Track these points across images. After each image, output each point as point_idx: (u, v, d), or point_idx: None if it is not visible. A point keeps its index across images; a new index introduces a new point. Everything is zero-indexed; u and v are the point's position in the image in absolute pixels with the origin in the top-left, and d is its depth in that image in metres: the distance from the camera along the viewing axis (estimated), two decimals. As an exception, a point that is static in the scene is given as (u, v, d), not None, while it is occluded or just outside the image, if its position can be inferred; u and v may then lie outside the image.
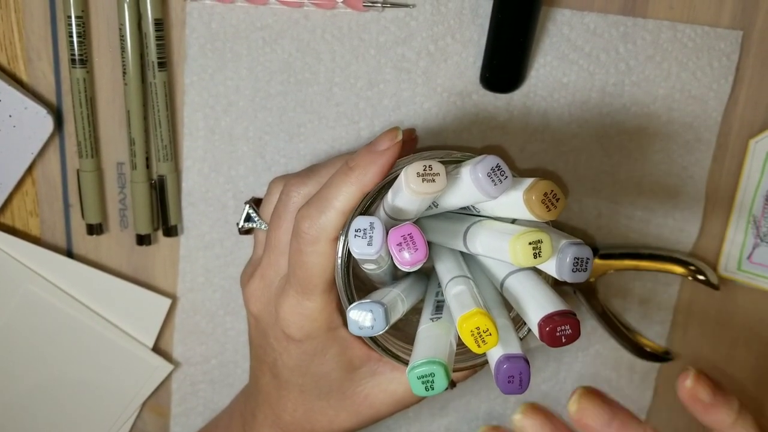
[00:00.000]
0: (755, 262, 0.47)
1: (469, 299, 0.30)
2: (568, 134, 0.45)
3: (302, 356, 0.37)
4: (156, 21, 0.41)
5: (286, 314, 0.36)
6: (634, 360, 0.50)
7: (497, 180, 0.29)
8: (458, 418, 0.51)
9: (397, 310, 0.32)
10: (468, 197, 0.31)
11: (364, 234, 0.30)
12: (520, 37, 0.41)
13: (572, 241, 0.30)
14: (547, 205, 0.29)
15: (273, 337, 0.38)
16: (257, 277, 0.38)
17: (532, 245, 0.28)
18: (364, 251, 0.30)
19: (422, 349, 0.31)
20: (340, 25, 0.43)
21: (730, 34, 0.44)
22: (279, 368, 0.38)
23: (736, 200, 0.46)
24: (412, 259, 0.29)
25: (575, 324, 0.29)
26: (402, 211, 0.31)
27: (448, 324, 0.33)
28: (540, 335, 0.29)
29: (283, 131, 0.45)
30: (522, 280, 0.32)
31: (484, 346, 0.29)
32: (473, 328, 0.29)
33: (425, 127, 0.45)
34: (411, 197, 0.29)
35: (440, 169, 0.29)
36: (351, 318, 0.30)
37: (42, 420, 0.48)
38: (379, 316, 0.30)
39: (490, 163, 0.29)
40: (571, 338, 0.29)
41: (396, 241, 0.29)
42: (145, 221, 0.45)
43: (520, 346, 0.31)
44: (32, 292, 0.46)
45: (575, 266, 0.29)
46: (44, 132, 0.43)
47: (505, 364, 0.30)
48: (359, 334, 0.30)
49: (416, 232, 0.29)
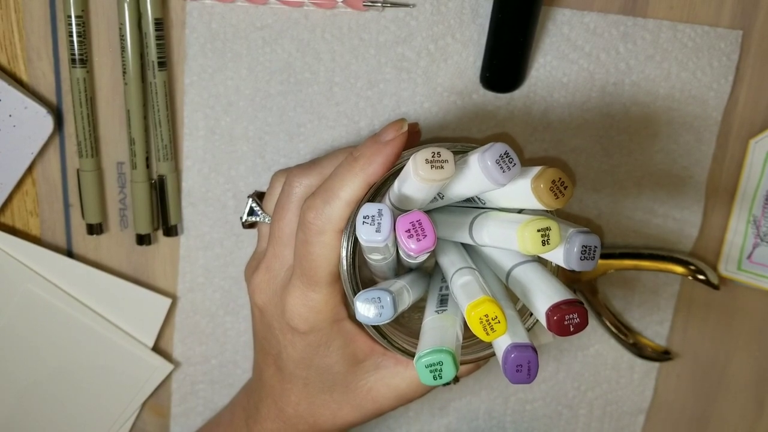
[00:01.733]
0: (755, 262, 0.47)
1: (477, 288, 0.30)
2: (568, 134, 0.45)
3: (307, 349, 0.37)
4: (156, 21, 0.41)
5: (292, 306, 0.36)
6: (634, 360, 0.50)
7: (506, 167, 0.28)
8: (458, 418, 0.51)
9: (403, 300, 0.32)
10: (476, 186, 0.31)
11: (372, 221, 0.29)
12: (520, 37, 0.41)
13: (580, 230, 0.29)
14: (555, 193, 0.29)
15: (278, 330, 0.38)
16: (262, 269, 0.38)
17: (541, 232, 0.28)
18: (372, 238, 0.29)
19: (429, 338, 0.31)
20: (340, 24, 0.43)
21: (730, 34, 0.44)
22: (283, 361, 0.38)
23: (737, 200, 0.46)
24: (420, 247, 0.29)
25: (583, 312, 0.29)
26: (409, 200, 0.31)
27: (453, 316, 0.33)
28: (548, 324, 0.29)
29: (283, 131, 0.45)
30: (528, 271, 0.32)
31: (493, 334, 0.29)
32: (482, 316, 0.29)
33: (426, 127, 0.45)
34: (419, 184, 0.29)
35: (448, 156, 0.28)
36: (358, 306, 0.30)
37: (42, 419, 0.48)
38: (387, 304, 0.30)
39: (499, 150, 0.29)
40: (579, 327, 0.29)
41: (404, 228, 0.29)
42: (145, 221, 0.45)
43: (528, 336, 0.31)
44: (32, 292, 0.46)
45: (583, 254, 0.29)
46: (44, 132, 0.43)
47: (513, 353, 0.30)
48: (367, 323, 0.30)
49: (425, 218, 0.29)
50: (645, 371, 0.50)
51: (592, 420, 0.52)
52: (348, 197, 0.33)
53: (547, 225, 0.28)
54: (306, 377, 0.38)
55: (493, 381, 0.51)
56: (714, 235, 0.47)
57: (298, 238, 0.35)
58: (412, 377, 0.38)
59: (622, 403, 0.51)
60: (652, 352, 0.49)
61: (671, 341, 0.50)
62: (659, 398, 0.51)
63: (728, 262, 0.47)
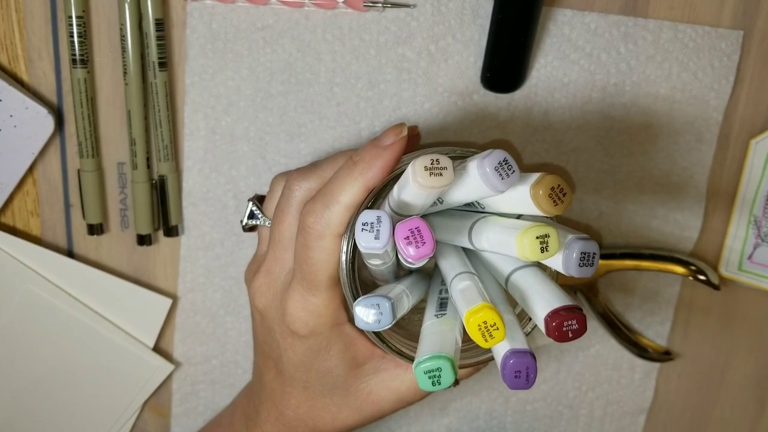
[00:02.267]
0: (756, 262, 0.47)
1: (476, 294, 0.30)
2: (569, 134, 0.45)
3: (307, 352, 0.37)
4: (157, 21, 0.41)
5: (292, 309, 0.36)
6: (635, 360, 0.50)
7: (504, 174, 0.29)
8: (459, 418, 0.51)
9: (402, 305, 0.32)
10: (474, 192, 0.31)
11: (371, 228, 0.29)
12: (521, 37, 0.41)
13: (579, 236, 0.29)
14: (554, 200, 0.29)
15: (278, 333, 0.38)
16: (263, 273, 0.38)
17: (540, 239, 0.28)
18: (371, 245, 0.29)
19: (428, 344, 0.31)
20: (341, 25, 0.43)
21: (730, 34, 0.44)
22: (284, 364, 0.38)
23: (737, 200, 0.46)
24: (419, 254, 0.29)
25: (582, 319, 0.29)
26: (408, 206, 0.31)
27: (452, 320, 0.33)
28: (546, 330, 0.29)
29: (283, 131, 0.45)
30: (527, 276, 0.32)
31: (491, 341, 0.29)
32: (480, 323, 0.29)
33: (426, 127, 0.45)
34: (418, 191, 0.29)
35: (447, 163, 0.29)
36: (357, 312, 0.30)
37: (42, 419, 0.48)
38: (386, 310, 0.30)
39: (498, 157, 0.29)
40: (577, 333, 0.29)
41: (403, 235, 0.29)
42: (145, 221, 0.45)
43: (526, 342, 0.31)
44: (33, 292, 0.46)
45: (582, 261, 0.29)
46: (45, 132, 0.43)
47: (512, 359, 0.30)
48: (366, 329, 0.30)
49: (424, 226, 0.29)
50: (646, 371, 0.50)
51: (592, 420, 0.52)
52: (347, 202, 0.33)
53: (546, 232, 0.28)
54: (306, 380, 0.38)
55: (494, 381, 0.51)
56: (714, 236, 0.47)
57: (297, 242, 0.35)
58: (412, 380, 0.38)
59: (623, 403, 0.51)
60: (652, 353, 0.49)
61: (672, 341, 0.50)
62: (660, 398, 0.51)
63: (729, 262, 0.47)
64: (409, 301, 0.33)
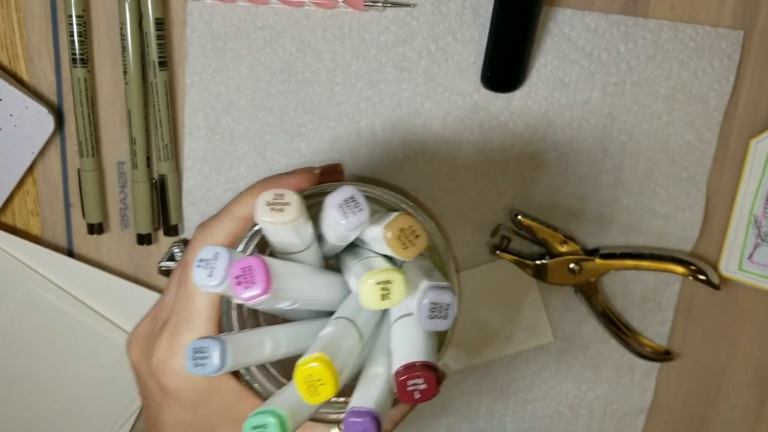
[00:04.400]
0: (756, 262, 0.47)
1: (323, 342, 0.27)
2: (569, 134, 0.45)
3: (183, 411, 0.32)
4: (157, 20, 0.41)
5: (159, 356, 0.31)
6: (635, 360, 0.50)
7: (350, 212, 0.26)
8: (459, 418, 0.51)
9: (252, 353, 0.28)
10: (333, 230, 0.28)
11: (207, 264, 0.27)
12: (521, 37, 0.41)
13: (435, 284, 0.26)
14: (404, 242, 0.26)
15: (152, 389, 0.33)
16: (146, 320, 0.34)
17: (381, 285, 0.26)
18: (205, 282, 0.27)
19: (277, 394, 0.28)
20: (341, 24, 0.43)
21: (731, 34, 0.44)
22: (161, 426, 0.33)
23: (737, 200, 0.46)
24: (248, 296, 0.26)
25: (432, 378, 0.26)
26: (282, 245, 0.29)
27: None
28: (395, 387, 0.26)
29: (283, 131, 0.45)
30: (404, 325, 0.29)
31: (317, 397, 0.25)
32: (307, 375, 0.25)
33: (426, 127, 0.45)
34: (265, 228, 0.27)
35: (292, 199, 0.26)
36: (186, 352, 0.27)
37: (42, 419, 0.48)
38: (214, 355, 0.27)
39: (344, 195, 0.26)
40: (426, 394, 0.26)
41: (235, 274, 0.26)
42: (145, 221, 0.45)
43: (379, 401, 0.27)
44: (33, 292, 0.46)
45: (432, 312, 0.26)
46: (45, 131, 0.43)
47: (350, 417, 0.26)
48: (192, 372, 0.27)
49: (258, 264, 0.26)
50: (646, 371, 0.50)
51: (592, 420, 0.52)
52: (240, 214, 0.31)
53: (389, 278, 0.25)
54: None
55: (494, 381, 0.51)
56: (715, 236, 0.47)
57: (180, 264, 0.32)
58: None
59: (622, 403, 0.51)
60: (652, 353, 0.49)
61: (672, 341, 0.50)
62: (660, 398, 0.51)
63: (729, 262, 0.47)
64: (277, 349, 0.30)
